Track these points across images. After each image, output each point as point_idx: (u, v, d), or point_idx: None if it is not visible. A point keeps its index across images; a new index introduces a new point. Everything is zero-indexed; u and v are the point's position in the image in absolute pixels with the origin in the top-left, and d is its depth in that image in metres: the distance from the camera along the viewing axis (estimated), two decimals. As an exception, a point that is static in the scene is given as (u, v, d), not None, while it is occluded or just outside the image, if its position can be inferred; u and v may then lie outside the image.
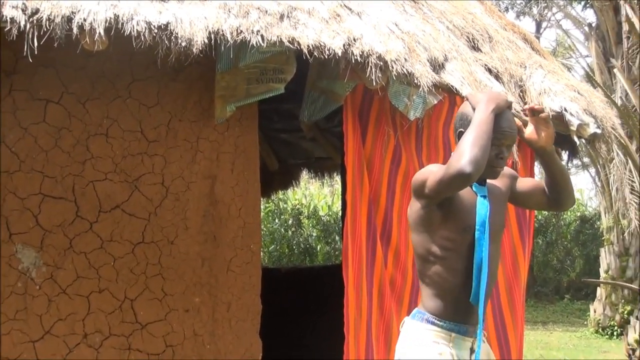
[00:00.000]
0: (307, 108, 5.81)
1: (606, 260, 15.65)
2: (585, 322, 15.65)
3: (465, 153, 3.42)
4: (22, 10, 4.42)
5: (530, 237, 6.49)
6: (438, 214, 3.70)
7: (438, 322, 3.73)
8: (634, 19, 10.81)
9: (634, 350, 10.71)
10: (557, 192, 3.94)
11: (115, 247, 5.09)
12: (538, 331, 14.95)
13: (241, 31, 4.78)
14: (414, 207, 3.79)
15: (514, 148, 6.01)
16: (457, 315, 3.74)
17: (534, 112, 3.84)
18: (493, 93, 3.78)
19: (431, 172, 3.63)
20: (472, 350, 3.76)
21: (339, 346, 5.34)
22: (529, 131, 3.85)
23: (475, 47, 6.61)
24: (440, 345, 3.70)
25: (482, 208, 3.73)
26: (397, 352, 3.84)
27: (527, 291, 17.45)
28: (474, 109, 3.64)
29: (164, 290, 5.18)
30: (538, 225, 20.22)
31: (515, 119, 3.83)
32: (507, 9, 23.13)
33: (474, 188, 3.75)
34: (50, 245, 4.96)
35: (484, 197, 3.75)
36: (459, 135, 3.72)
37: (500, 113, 3.65)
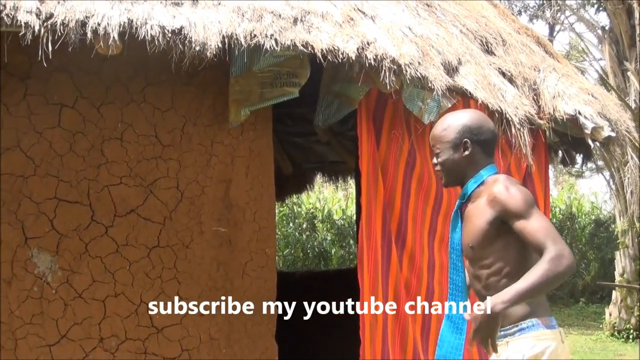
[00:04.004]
0: (321, 112, 5.82)
1: (621, 263, 15.55)
2: (601, 326, 15.57)
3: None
4: (37, 15, 4.44)
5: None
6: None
7: None
8: (647, 22, 10.79)
9: (649, 354, 10.67)
10: None
11: (131, 251, 5.10)
12: (553, 335, 14.87)
13: (255, 35, 4.79)
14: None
15: (528, 151, 6.00)
16: None
17: None
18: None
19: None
20: None
21: (355, 350, 5.34)
22: None
23: (488, 51, 6.60)
24: None
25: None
26: None
27: (542, 295, 17.32)
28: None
29: (180, 294, 5.18)
30: (552, 229, 20.09)
31: None
32: (519, 12, 22.99)
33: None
34: (65, 250, 4.97)
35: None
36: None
37: None
